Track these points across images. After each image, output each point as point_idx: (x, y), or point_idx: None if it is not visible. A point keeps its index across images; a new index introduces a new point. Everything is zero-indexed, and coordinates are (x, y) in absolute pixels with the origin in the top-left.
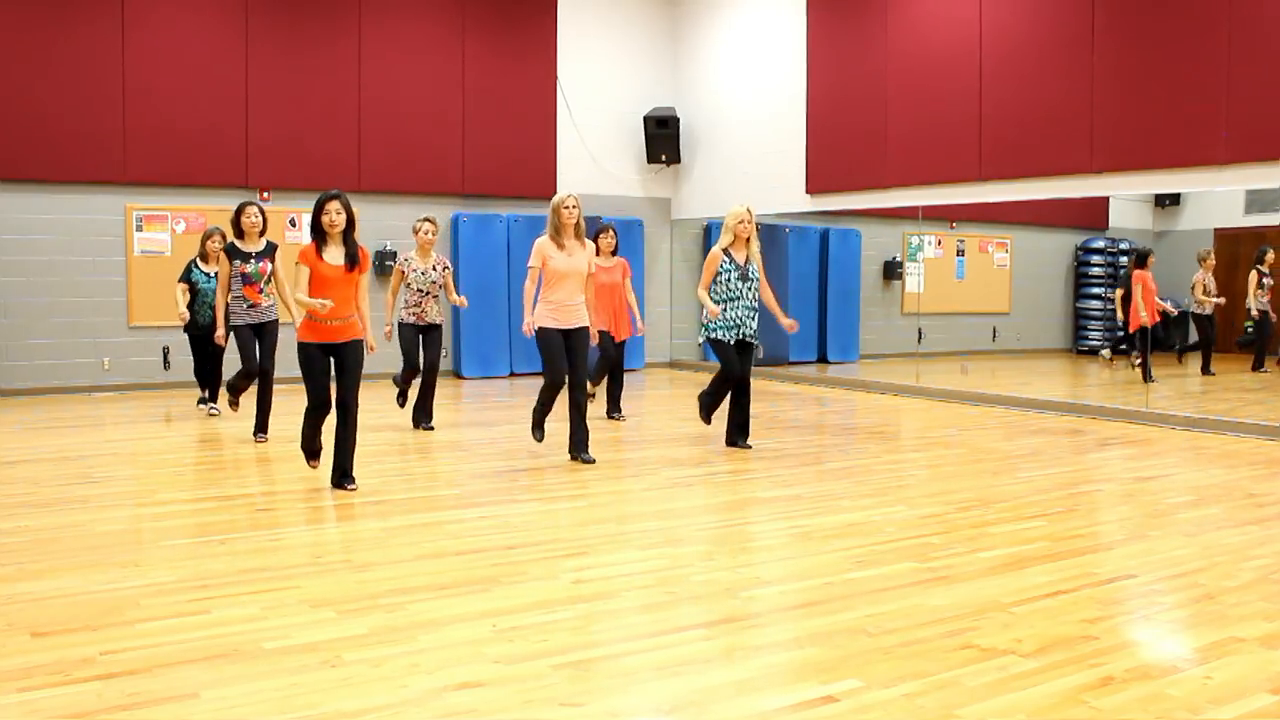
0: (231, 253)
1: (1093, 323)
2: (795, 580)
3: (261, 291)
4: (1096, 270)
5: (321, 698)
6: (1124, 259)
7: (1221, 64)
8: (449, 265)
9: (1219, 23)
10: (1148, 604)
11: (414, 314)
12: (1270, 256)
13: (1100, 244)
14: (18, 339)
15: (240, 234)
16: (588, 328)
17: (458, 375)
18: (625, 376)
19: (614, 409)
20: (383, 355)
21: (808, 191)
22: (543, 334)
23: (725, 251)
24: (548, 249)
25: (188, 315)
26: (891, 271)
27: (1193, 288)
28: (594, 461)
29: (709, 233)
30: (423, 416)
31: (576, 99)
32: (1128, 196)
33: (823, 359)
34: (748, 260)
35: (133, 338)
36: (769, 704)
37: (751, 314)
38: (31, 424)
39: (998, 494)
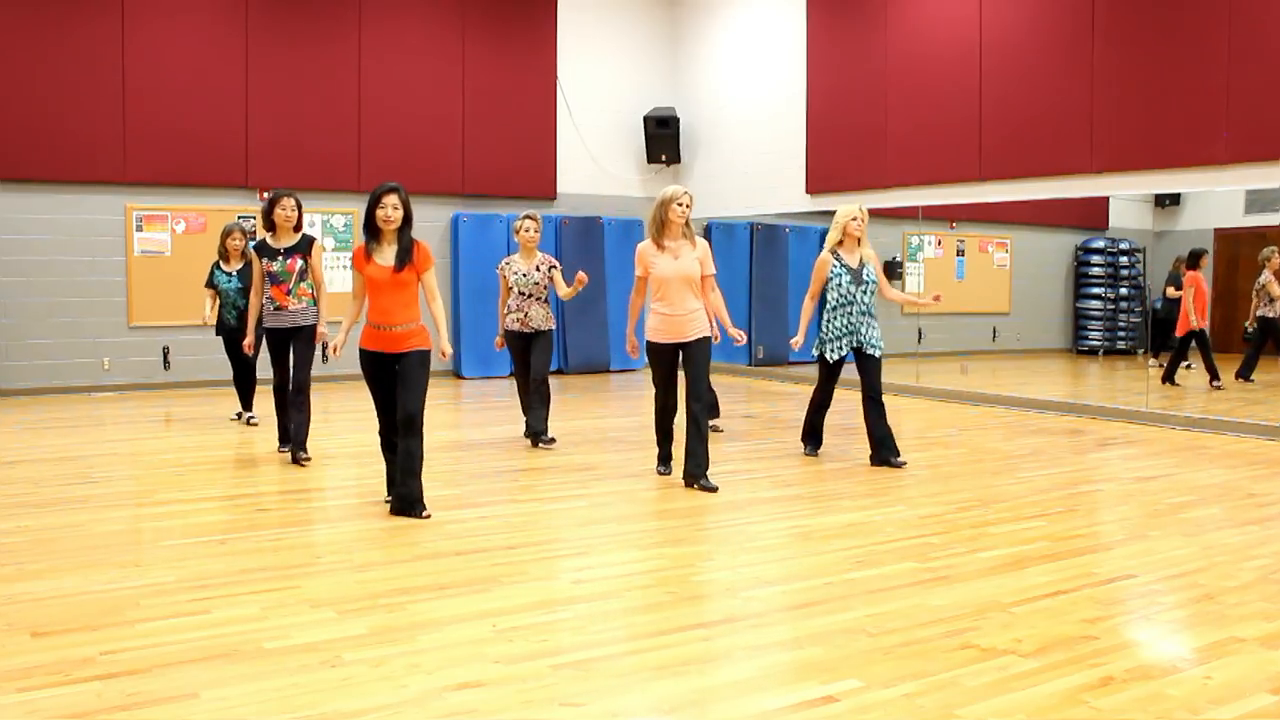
0: (259, 250)
1: (1093, 323)
2: (795, 580)
3: (290, 293)
4: (1096, 270)
5: (321, 698)
6: (1124, 259)
7: (1221, 64)
8: (556, 264)
9: (1219, 23)
10: (1148, 604)
11: (518, 320)
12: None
13: (1100, 244)
14: (18, 339)
15: (271, 227)
16: (707, 338)
17: (457, 375)
18: (626, 377)
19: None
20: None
21: (808, 191)
22: (648, 350)
23: (833, 252)
24: (649, 254)
25: (211, 320)
26: (891, 271)
27: (1262, 290)
28: (716, 490)
29: (709, 233)
30: (536, 430)
31: (576, 99)
32: (1128, 196)
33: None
34: (861, 262)
35: (133, 338)
36: (769, 704)
37: (867, 320)
38: (31, 424)
39: (998, 494)
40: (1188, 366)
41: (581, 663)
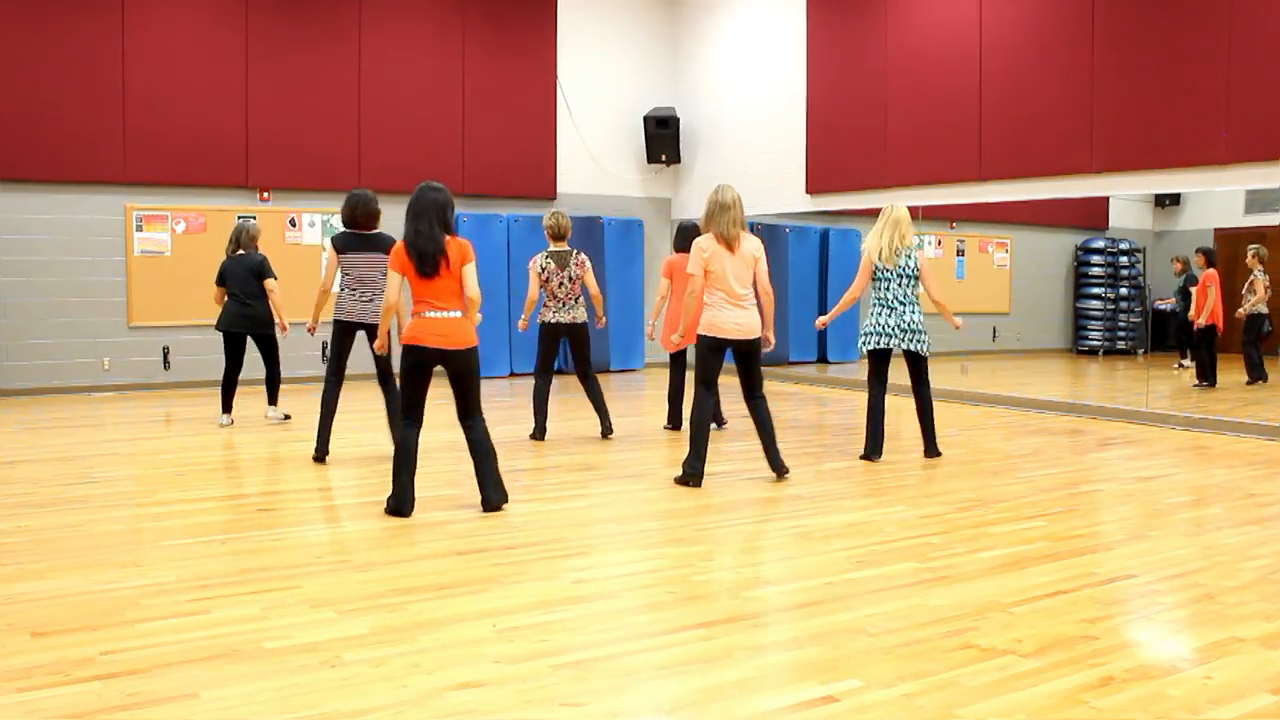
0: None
1: (1093, 323)
2: (795, 580)
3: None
4: (1096, 270)
5: (321, 698)
6: (1124, 259)
7: (1221, 64)
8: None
9: (1219, 23)
10: (1148, 604)
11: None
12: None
13: (1100, 244)
14: (18, 339)
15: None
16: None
17: None
18: (626, 377)
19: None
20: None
21: (808, 191)
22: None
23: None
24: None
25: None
26: None
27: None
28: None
29: None
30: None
31: (576, 99)
32: (1128, 196)
33: (823, 359)
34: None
35: (133, 338)
36: (769, 704)
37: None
38: (31, 424)
39: (998, 494)
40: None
41: (581, 663)
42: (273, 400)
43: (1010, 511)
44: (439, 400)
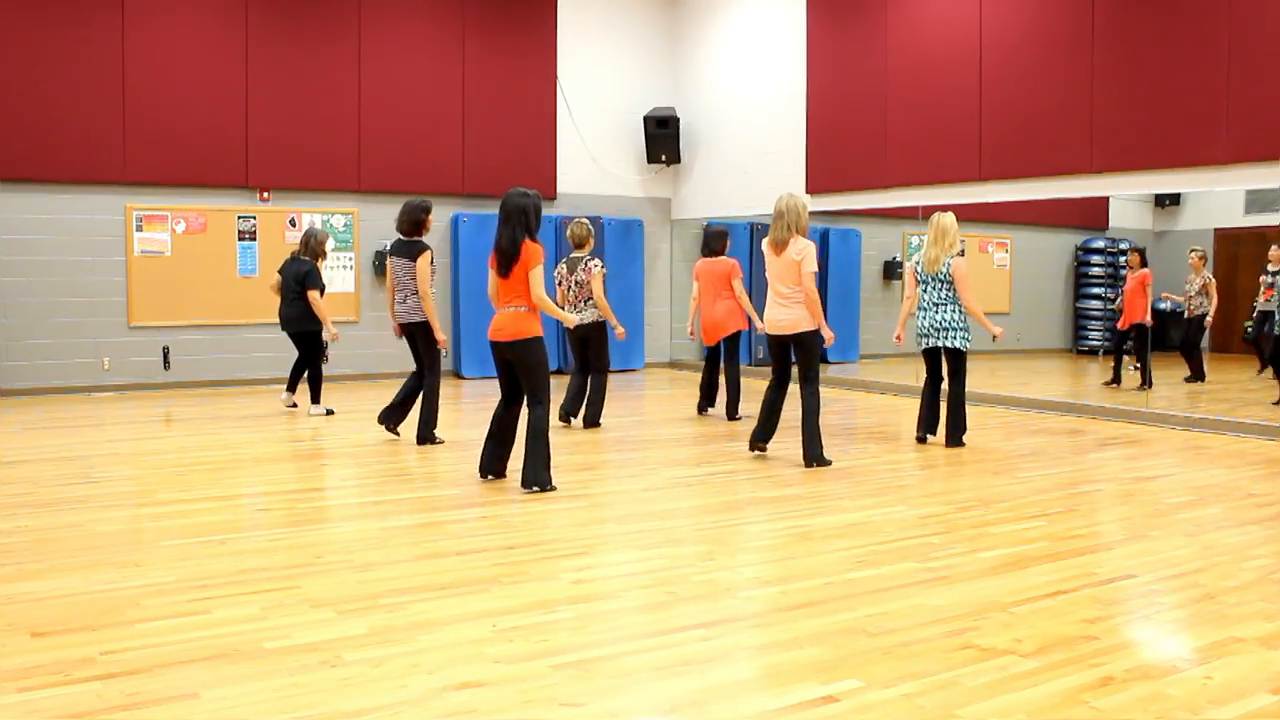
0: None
1: (1093, 323)
2: (795, 580)
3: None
4: (1096, 270)
5: (321, 698)
6: (1124, 259)
7: (1221, 64)
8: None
9: (1219, 23)
10: (1148, 604)
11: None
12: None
13: (1100, 244)
14: (18, 339)
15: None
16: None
17: (458, 375)
18: (626, 377)
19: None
20: (382, 355)
21: (808, 191)
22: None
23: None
24: None
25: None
26: (891, 271)
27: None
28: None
29: None
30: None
31: (576, 99)
32: (1128, 196)
33: (823, 359)
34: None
35: (133, 338)
36: (769, 704)
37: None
38: (31, 424)
39: (998, 494)
40: (1138, 367)
41: (581, 663)
42: (315, 399)
43: (1010, 511)
44: (441, 401)
